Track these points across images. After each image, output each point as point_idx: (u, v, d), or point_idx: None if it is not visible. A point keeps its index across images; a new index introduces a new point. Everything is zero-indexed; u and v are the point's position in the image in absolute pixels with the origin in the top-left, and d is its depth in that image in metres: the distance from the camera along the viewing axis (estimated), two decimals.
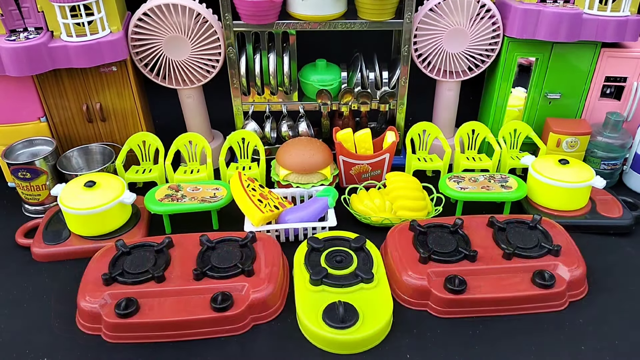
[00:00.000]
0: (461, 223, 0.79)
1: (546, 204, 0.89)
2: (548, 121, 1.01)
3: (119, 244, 0.76)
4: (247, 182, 0.85)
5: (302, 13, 0.91)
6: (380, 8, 0.91)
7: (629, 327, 0.70)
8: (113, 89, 0.96)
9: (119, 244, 0.76)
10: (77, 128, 1.00)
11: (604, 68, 0.97)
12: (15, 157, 0.94)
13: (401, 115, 1.04)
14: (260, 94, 1.02)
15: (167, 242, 0.77)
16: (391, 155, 0.96)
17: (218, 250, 0.76)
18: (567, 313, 0.72)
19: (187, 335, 0.68)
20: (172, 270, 0.73)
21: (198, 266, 0.73)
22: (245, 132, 0.99)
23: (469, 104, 1.16)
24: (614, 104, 1.01)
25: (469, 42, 0.96)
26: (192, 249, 0.76)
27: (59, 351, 0.67)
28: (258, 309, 0.70)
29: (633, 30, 0.91)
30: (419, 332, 0.70)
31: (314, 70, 1.02)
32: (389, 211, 0.87)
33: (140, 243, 0.78)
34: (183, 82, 0.98)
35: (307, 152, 0.93)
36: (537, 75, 1.00)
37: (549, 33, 0.91)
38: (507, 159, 0.99)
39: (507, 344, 0.68)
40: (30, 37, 0.85)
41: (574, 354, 0.67)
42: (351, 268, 0.73)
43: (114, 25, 0.90)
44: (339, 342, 0.65)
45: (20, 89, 0.92)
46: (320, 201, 0.86)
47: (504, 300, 0.71)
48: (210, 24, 0.92)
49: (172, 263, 0.74)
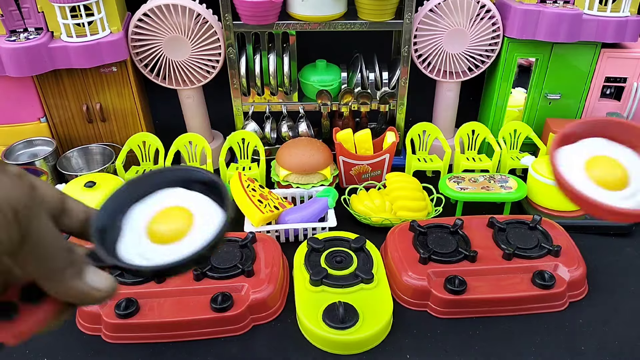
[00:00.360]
0: (461, 223, 0.79)
1: (546, 205, 0.89)
2: (548, 122, 1.01)
3: None
4: (247, 183, 0.85)
5: (302, 13, 0.91)
6: (380, 9, 0.91)
7: (629, 328, 0.70)
8: (113, 89, 0.96)
9: None
10: (77, 128, 1.00)
11: (603, 68, 0.97)
12: (15, 158, 0.94)
13: (401, 115, 1.04)
14: (260, 94, 1.02)
15: None
16: (391, 156, 0.96)
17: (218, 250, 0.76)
18: (567, 313, 0.72)
19: (187, 335, 0.68)
20: None
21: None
22: (245, 133, 0.99)
23: (469, 104, 1.16)
24: (614, 104, 1.01)
25: (469, 42, 0.96)
26: None
27: (59, 351, 0.67)
28: (258, 309, 0.70)
29: (633, 31, 0.91)
30: (419, 332, 0.70)
31: (314, 70, 1.02)
32: (389, 211, 0.87)
33: None
34: (183, 82, 0.98)
35: (307, 152, 0.93)
36: (537, 76, 1.00)
37: (548, 33, 0.91)
38: (507, 159, 0.99)
39: (507, 344, 0.68)
40: (31, 38, 0.85)
41: (574, 354, 0.67)
42: (351, 268, 0.73)
43: (114, 26, 0.90)
44: (339, 342, 0.65)
45: (20, 90, 0.92)
46: (320, 202, 0.86)
47: (504, 301, 0.71)
48: (210, 25, 0.92)
49: None
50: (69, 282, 0.31)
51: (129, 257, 0.36)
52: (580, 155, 0.45)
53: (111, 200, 0.39)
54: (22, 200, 0.28)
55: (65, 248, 0.30)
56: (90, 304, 0.32)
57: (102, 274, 0.33)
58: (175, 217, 0.40)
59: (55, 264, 0.30)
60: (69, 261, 0.30)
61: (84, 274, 0.31)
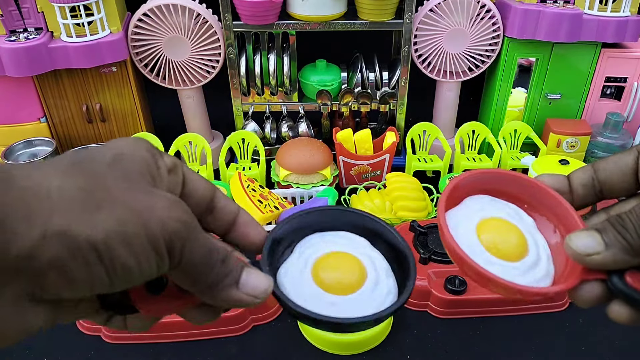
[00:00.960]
0: None
1: None
2: (548, 122, 1.01)
3: None
4: (247, 183, 0.85)
5: (302, 13, 0.91)
6: (380, 8, 0.91)
7: (629, 328, 0.70)
8: (113, 89, 0.96)
9: None
10: (77, 128, 1.00)
11: (604, 68, 0.97)
12: (15, 158, 0.94)
13: (401, 115, 1.04)
14: (260, 94, 1.02)
15: None
16: (391, 156, 0.95)
17: None
18: (567, 313, 0.72)
19: (187, 335, 0.68)
20: None
21: None
22: (245, 133, 0.99)
23: (469, 104, 1.16)
24: (614, 104, 1.01)
25: (469, 42, 0.96)
26: None
27: (59, 351, 0.67)
28: (258, 309, 0.70)
29: (633, 31, 0.91)
30: (419, 332, 0.70)
31: (314, 70, 1.02)
32: (389, 212, 0.87)
33: None
34: (183, 82, 0.98)
35: (307, 152, 0.93)
36: (537, 76, 1.00)
37: (549, 33, 0.91)
38: (508, 159, 0.99)
39: (507, 344, 0.68)
40: (30, 38, 0.85)
41: (574, 354, 0.66)
42: None
43: (114, 26, 0.90)
44: (339, 342, 0.65)
45: (20, 90, 0.92)
46: (320, 202, 0.86)
47: (504, 301, 0.71)
48: (210, 25, 0.92)
49: None
50: (225, 293, 0.29)
51: (284, 285, 0.34)
52: (470, 219, 0.37)
53: (296, 219, 0.37)
54: (179, 231, 0.26)
55: (220, 260, 0.28)
56: (246, 307, 0.31)
57: (258, 275, 0.31)
58: (348, 268, 0.36)
59: (209, 279, 0.28)
60: (224, 274, 0.29)
61: (240, 283, 0.30)
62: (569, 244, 0.32)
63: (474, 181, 0.38)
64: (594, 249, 0.31)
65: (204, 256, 0.27)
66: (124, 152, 0.27)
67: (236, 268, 0.30)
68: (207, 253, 0.28)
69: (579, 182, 0.37)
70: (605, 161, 0.36)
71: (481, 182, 0.38)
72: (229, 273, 0.29)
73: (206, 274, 0.28)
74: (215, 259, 0.28)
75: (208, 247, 0.28)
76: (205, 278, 0.28)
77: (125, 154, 0.27)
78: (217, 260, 0.28)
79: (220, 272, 0.28)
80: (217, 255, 0.28)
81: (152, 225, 0.24)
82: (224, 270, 0.29)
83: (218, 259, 0.28)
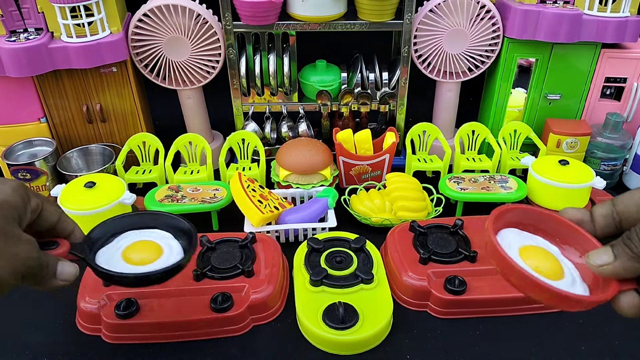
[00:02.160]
0: (461, 224, 0.79)
1: (546, 205, 0.89)
2: (548, 122, 1.01)
3: None
4: (247, 183, 0.85)
5: (302, 14, 0.91)
6: (380, 9, 0.91)
7: (629, 328, 0.70)
8: (113, 89, 0.96)
9: None
10: (77, 129, 1.00)
11: (603, 69, 0.97)
12: (15, 158, 0.94)
13: (401, 116, 1.04)
14: (260, 94, 1.02)
15: None
16: (391, 156, 0.96)
17: (218, 250, 0.76)
18: (567, 313, 0.72)
19: (187, 336, 0.68)
20: None
21: (198, 267, 0.73)
22: (245, 133, 0.99)
23: (469, 104, 1.16)
24: (614, 104, 1.01)
25: (469, 43, 0.96)
26: None
27: (59, 351, 0.67)
28: (258, 309, 0.70)
29: (633, 31, 0.91)
30: (419, 332, 0.70)
31: (314, 71, 1.02)
32: (389, 212, 0.87)
33: None
34: (183, 82, 0.98)
35: (307, 152, 0.93)
36: (537, 76, 1.00)
37: (548, 34, 0.91)
38: (507, 159, 0.99)
39: (507, 344, 0.68)
40: (30, 38, 0.86)
41: (574, 354, 0.67)
42: (351, 269, 0.73)
43: (114, 26, 0.90)
44: (339, 342, 0.65)
45: (20, 90, 0.93)
46: (320, 202, 0.86)
47: (504, 301, 0.71)
48: (210, 25, 0.92)
49: None
50: (49, 283, 0.47)
51: (100, 263, 0.52)
52: (511, 246, 0.43)
53: (118, 219, 0.58)
54: (31, 267, 0.47)
55: (45, 266, 0.47)
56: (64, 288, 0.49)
57: (69, 266, 0.48)
58: (148, 249, 0.55)
59: (41, 280, 0.47)
60: (47, 274, 0.47)
61: (57, 273, 0.47)
62: (588, 260, 0.40)
63: (508, 215, 0.46)
64: (606, 261, 0.39)
65: (38, 268, 0.46)
66: (6, 199, 0.44)
67: (53, 265, 0.47)
68: (39, 267, 0.46)
69: (599, 213, 0.42)
70: (622, 195, 0.41)
71: (513, 216, 0.46)
72: (49, 271, 0.47)
73: (40, 277, 0.47)
74: (43, 270, 0.46)
75: (39, 263, 0.46)
76: (39, 280, 0.47)
77: (7, 201, 0.44)
78: (44, 268, 0.46)
79: (45, 274, 0.46)
80: (46, 268, 0.47)
81: (18, 268, 0.44)
82: (46, 272, 0.46)
83: (44, 267, 0.46)
